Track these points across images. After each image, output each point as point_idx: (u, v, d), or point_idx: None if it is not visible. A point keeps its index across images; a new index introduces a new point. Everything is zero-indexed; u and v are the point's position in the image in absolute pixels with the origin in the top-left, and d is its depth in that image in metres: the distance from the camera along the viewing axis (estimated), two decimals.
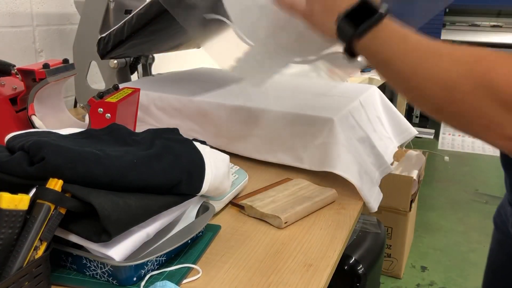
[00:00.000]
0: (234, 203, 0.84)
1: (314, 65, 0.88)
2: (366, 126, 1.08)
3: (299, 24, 0.71)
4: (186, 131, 1.11)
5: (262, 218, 0.80)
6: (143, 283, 0.61)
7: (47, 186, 0.54)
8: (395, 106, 1.30)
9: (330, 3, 0.66)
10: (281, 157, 1.02)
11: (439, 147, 4.45)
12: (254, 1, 0.76)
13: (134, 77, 1.42)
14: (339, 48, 0.71)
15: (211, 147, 1.08)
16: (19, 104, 0.97)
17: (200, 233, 0.73)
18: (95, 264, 0.60)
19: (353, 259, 1.59)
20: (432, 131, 4.78)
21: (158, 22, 1.02)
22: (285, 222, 0.78)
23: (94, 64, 1.32)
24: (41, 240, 0.53)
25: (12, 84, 0.98)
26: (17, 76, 0.95)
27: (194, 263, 0.66)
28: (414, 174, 2.25)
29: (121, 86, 0.99)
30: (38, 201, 0.54)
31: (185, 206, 0.70)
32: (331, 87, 1.30)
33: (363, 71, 2.13)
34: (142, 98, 1.13)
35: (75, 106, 1.44)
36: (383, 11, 0.61)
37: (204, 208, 0.75)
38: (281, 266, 0.67)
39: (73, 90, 1.41)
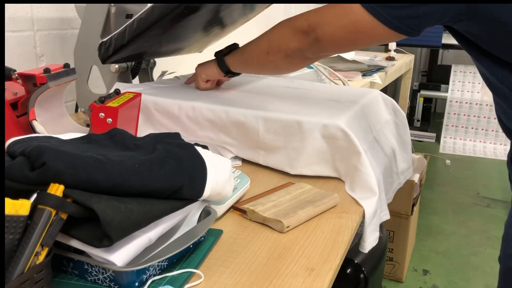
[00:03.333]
0: (236, 208, 0.84)
1: (316, 69, 0.89)
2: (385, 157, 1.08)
3: None
4: (220, 144, 1.08)
5: (264, 223, 0.80)
6: None
7: (48, 191, 0.54)
8: None
9: (209, 71, 1.23)
10: (318, 169, 0.99)
11: (441, 150, 4.44)
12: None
13: (135, 81, 1.42)
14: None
15: (238, 158, 1.06)
16: (20, 109, 0.97)
17: (202, 238, 0.73)
18: (97, 270, 0.60)
19: (355, 263, 1.58)
20: (434, 134, 4.78)
21: (160, 26, 1.02)
22: (287, 227, 0.77)
23: (95, 68, 1.31)
24: (42, 246, 0.53)
25: (13, 89, 0.98)
26: (18, 81, 0.95)
27: (196, 268, 0.66)
28: (416, 178, 2.24)
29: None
30: (39, 206, 0.53)
31: (187, 211, 0.70)
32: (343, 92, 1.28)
33: (364, 75, 2.13)
34: (174, 108, 1.10)
35: (76, 111, 1.44)
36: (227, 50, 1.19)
37: (206, 213, 0.75)
38: (283, 270, 0.66)
39: (74, 95, 1.41)
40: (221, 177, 0.73)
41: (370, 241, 0.93)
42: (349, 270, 1.57)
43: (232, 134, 1.06)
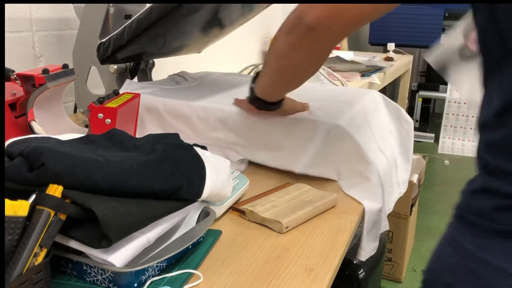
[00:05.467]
0: (235, 208, 0.84)
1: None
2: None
3: None
4: (229, 146, 1.06)
5: (263, 223, 0.80)
6: None
7: (47, 192, 0.54)
8: None
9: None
10: (323, 171, 0.98)
11: (439, 151, 4.45)
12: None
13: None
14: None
15: (243, 162, 1.05)
16: (19, 110, 0.97)
17: (201, 239, 0.73)
18: (96, 270, 0.60)
19: (354, 263, 1.58)
20: (432, 135, 4.78)
21: (158, 27, 1.02)
22: (286, 227, 0.77)
23: (94, 69, 1.31)
24: (41, 247, 0.53)
25: (12, 90, 0.98)
26: (17, 81, 0.95)
27: (195, 268, 0.66)
28: (415, 178, 2.24)
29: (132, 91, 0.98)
30: (38, 207, 0.53)
31: (186, 212, 0.70)
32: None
33: (363, 75, 2.13)
34: (185, 109, 1.09)
35: (75, 111, 1.44)
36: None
37: (205, 214, 0.75)
38: (282, 271, 0.66)
39: (73, 96, 1.41)
40: (220, 177, 0.73)
41: (369, 249, 0.94)
42: (348, 270, 1.57)
43: (242, 135, 1.05)
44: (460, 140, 4.60)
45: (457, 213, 0.78)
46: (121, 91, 1.02)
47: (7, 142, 0.65)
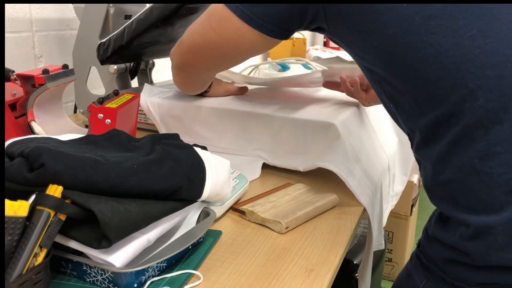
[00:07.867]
0: (235, 209, 0.84)
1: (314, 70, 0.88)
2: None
3: None
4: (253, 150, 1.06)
5: (263, 224, 0.80)
6: None
7: (47, 192, 0.54)
8: None
9: None
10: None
11: None
12: None
13: (134, 82, 1.42)
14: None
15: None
16: (19, 110, 0.97)
17: (201, 239, 0.73)
18: (96, 271, 0.60)
19: (354, 263, 1.58)
20: None
21: (158, 27, 1.02)
22: (286, 227, 0.77)
23: (94, 69, 1.31)
24: (40, 247, 0.53)
25: (12, 90, 0.98)
26: (17, 81, 0.95)
27: (195, 269, 0.66)
28: (415, 179, 2.24)
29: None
30: (38, 207, 0.53)
31: (186, 212, 0.70)
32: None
33: None
34: (206, 112, 1.08)
35: (75, 111, 1.44)
36: None
37: (205, 214, 0.75)
38: (282, 271, 0.66)
39: (73, 96, 1.41)
40: (220, 178, 0.73)
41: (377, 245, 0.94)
42: (348, 270, 1.57)
43: (263, 138, 1.04)
44: None
45: (417, 250, 0.78)
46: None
47: (7, 142, 0.65)
